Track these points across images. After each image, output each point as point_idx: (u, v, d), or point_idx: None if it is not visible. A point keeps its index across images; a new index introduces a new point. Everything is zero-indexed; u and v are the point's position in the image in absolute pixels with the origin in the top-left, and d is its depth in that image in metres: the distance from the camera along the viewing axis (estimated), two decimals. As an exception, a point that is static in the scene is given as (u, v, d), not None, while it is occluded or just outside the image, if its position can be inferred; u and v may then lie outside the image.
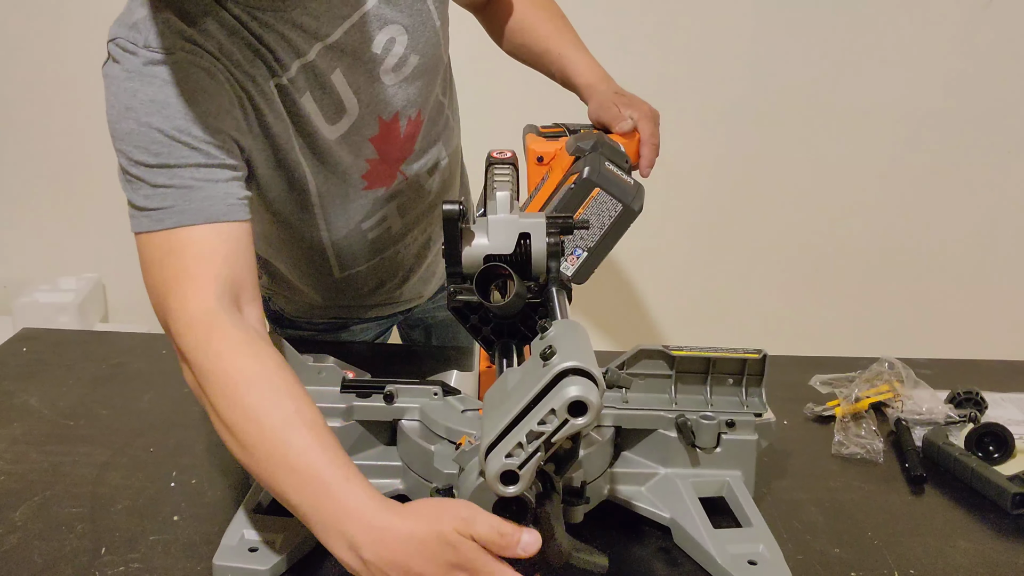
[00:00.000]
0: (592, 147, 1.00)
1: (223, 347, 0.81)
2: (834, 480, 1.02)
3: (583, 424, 0.66)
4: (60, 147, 2.20)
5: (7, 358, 1.28)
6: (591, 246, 0.96)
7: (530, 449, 0.67)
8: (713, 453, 0.93)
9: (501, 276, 0.83)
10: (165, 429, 1.08)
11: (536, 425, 0.67)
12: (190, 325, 0.84)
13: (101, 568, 0.82)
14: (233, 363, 0.80)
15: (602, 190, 0.95)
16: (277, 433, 0.75)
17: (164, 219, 0.88)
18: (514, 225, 0.85)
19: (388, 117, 1.07)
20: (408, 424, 0.92)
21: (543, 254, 0.85)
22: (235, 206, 0.89)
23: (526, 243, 0.85)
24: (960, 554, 0.89)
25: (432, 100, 1.13)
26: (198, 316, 0.83)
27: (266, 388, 0.79)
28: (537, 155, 1.05)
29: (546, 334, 0.73)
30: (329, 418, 0.91)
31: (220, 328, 0.82)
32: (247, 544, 0.83)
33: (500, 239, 0.85)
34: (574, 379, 0.66)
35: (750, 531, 0.87)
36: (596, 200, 0.95)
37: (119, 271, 2.29)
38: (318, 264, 1.19)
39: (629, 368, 0.95)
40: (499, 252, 0.85)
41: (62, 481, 0.96)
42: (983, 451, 1.05)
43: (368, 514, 0.71)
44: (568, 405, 0.66)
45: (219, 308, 0.84)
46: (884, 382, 1.17)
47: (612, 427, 0.93)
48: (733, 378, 0.96)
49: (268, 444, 0.76)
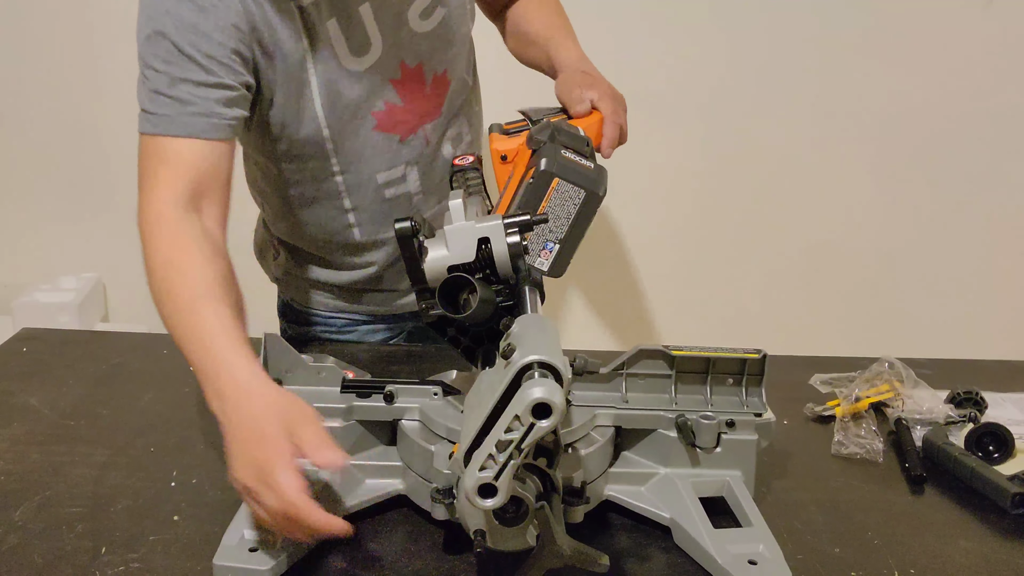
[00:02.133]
0: (549, 137, 0.98)
1: (162, 242, 0.95)
2: (834, 480, 1.02)
3: (548, 427, 0.65)
4: (60, 147, 2.20)
5: (7, 358, 1.28)
6: (561, 237, 0.94)
7: (502, 459, 0.67)
8: (713, 453, 0.93)
9: (466, 285, 0.82)
10: (165, 429, 1.08)
11: (503, 434, 0.66)
12: (146, 220, 0.97)
13: (101, 568, 0.82)
14: (167, 254, 0.94)
15: (562, 180, 0.93)
16: (187, 305, 0.89)
17: (157, 124, 1.00)
18: (471, 231, 0.84)
19: (412, 64, 1.12)
20: (408, 424, 0.92)
21: (506, 256, 0.84)
22: (219, 126, 0.99)
23: (487, 247, 0.84)
24: (960, 554, 0.89)
25: (459, 69, 1.17)
26: (153, 214, 0.97)
27: (185, 274, 0.92)
28: (500, 154, 1.03)
29: (509, 331, 0.72)
30: (329, 418, 0.92)
31: (167, 226, 0.95)
32: (247, 544, 0.83)
33: (459, 248, 0.84)
34: (538, 380, 0.65)
35: (750, 531, 0.86)
36: (558, 191, 0.93)
37: (119, 271, 2.29)
38: (338, 221, 1.21)
39: (629, 368, 0.95)
40: (461, 261, 0.84)
41: (62, 481, 0.96)
42: (983, 451, 1.06)
43: (239, 375, 0.83)
44: (531, 409, 0.65)
45: (173, 210, 0.96)
46: (884, 382, 1.17)
47: (612, 427, 0.93)
48: (733, 378, 0.96)
49: (179, 314, 0.90)
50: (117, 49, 2.11)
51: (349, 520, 0.88)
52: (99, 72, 2.12)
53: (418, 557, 0.85)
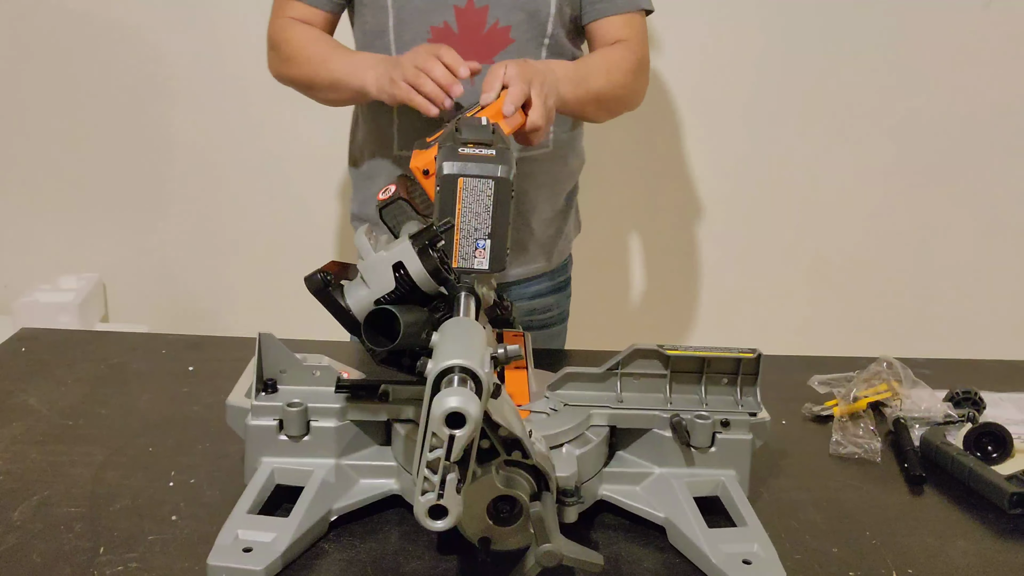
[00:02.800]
0: (448, 138, 0.96)
1: (288, 32, 1.32)
2: (832, 480, 1.02)
3: (466, 435, 0.63)
4: (61, 147, 2.20)
5: (7, 358, 1.28)
6: (489, 232, 0.92)
7: (437, 479, 0.65)
8: (708, 453, 0.93)
9: (389, 316, 0.80)
10: (164, 429, 1.09)
11: (430, 453, 0.65)
12: (274, 24, 1.34)
13: (100, 567, 0.82)
14: (291, 39, 1.31)
15: (466, 177, 0.91)
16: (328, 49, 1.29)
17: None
18: (382, 261, 0.83)
19: (479, 3, 1.25)
20: (402, 424, 0.92)
21: (424, 274, 0.83)
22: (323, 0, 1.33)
23: (403, 272, 0.83)
24: (958, 553, 0.89)
25: (527, 39, 1.27)
26: (281, 20, 1.33)
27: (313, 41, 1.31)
28: (421, 170, 1.02)
29: (432, 343, 0.72)
30: (323, 418, 0.92)
31: (294, 26, 1.32)
32: (241, 544, 0.83)
33: (377, 281, 0.83)
34: (446, 390, 0.64)
35: (744, 530, 0.87)
36: (467, 188, 0.91)
37: (119, 271, 2.29)
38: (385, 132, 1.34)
39: (624, 367, 0.95)
40: (383, 292, 0.83)
41: (61, 481, 0.97)
42: (981, 451, 1.06)
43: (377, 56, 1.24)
44: (445, 420, 0.63)
45: (297, 20, 1.32)
46: (882, 382, 1.17)
47: (607, 427, 0.93)
48: (728, 377, 0.96)
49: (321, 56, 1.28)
50: (118, 49, 2.12)
51: (344, 520, 0.89)
52: (99, 72, 2.12)
53: (413, 557, 0.85)
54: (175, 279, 2.29)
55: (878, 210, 2.14)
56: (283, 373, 0.95)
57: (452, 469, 0.65)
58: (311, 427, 0.92)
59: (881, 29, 2.00)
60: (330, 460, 0.92)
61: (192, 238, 2.24)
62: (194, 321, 2.23)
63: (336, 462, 0.92)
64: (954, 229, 2.14)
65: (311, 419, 0.92)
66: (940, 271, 2.17)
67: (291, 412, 0.91)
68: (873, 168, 2.11)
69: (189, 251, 2.26)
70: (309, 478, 0.90)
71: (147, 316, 2.29)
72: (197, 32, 2.08)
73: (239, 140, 2.12)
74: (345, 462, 0.93)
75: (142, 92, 2.14)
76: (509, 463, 0.76)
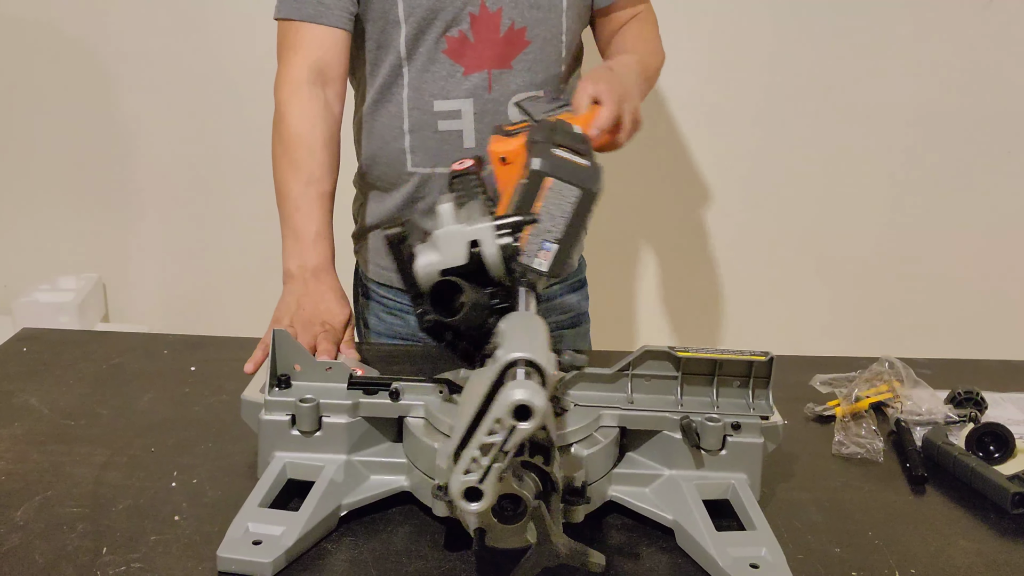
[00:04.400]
0: (543, 136, 0.97)
1: (295, 110, 1.21)
2: (834, 480, 1.02)
3: (529, 429, 0.64)
4: (61, 147, 2.20)
5: (7, 358, 1.28)
6: (559, 237, 0.93)
7: (485, 463, 0.66)
8: (718, 455, 0.93)
9: (458, 289, 0.82)
10: (165, 429, 1.08)
11: (486, 437, 0.65)
12: (282, 86, 1.23)
13: (102, 568, 0.82)
14: (293, 124, 1.21)
15: (555, 179, 0.92)
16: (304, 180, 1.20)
17: (285, 10, 1.24)
18: (461, 235, 0.84)
19: (492, 7, 1.22)
20: (413, 421, 0.92)
21: (497, 258, 0.83)
22: (339, 16, 1.23)
23: (478, 250, 0.83)
24: (960, 553, 0.89)
25: (545, 39, 1.26)
26: (290, 84, 1.22)
27: (302, 149, 1.20)
28: (499, 156, 1.03)
29: (497, 331, 0.72)
30: (335, 414, 0.93)
31: (299, 95, 1.22)
32: (251, 537, 0.83)
33: (450, 252, 0.84)
34: (519, 381, 0.65)
35: (753, 534, 0.86)
36: (552, 190, 0.92)
37: (119, 271, 2.29)
38: (396, 144, 1.30)
39: (635, 369, 0.95)
40: (452, 265, 0.84)
41: (63, 481, 0.96)
42: (983, 451, 1.06)
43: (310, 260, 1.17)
44: (512, 411, 0.64)
45: (305, 80, 1.22)
46: (884, 382, 1.17)
47: (617, 428, 0.93)
48: (739, 380, 0.95)
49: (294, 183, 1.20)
50: (119, 49, 2.12)
51: (354, 516, 0.90)
52: (100, 72, 2.12)
53: (417, 557, 0.85)
54: (175, 279, 2.29)
55: (879, 212, 2.14)
56: (296, 369, 0.96)
57: (501, 459, 0.66)
58: (323, 423, 0.93)
59: (880, 29, 2.00)
60: (341, 456, 0.93)
61: (192, 238, 2.24)
62: (194, 321, 2.23)
63: (347, 458, 0.93)
64: (956, 229, 2.15)
65: (323, 415, 0.93)
66: (942, 271, 2.18)
67: (303, 408, 0.92)
68: (875, 169, 2.11)
69: (189, 251, 2.26)
70: (320, 473, 0.91)
71: (147, 316, 2.29)
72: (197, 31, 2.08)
73: (239, 140, 2.11)
74: (356, 458, 0.93)
75: (143, 92, 2.14)
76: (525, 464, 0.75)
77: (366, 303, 1.48)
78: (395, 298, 1.43)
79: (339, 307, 1.17)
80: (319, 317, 1.14)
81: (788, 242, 2.17)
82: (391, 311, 1.44)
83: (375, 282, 1.45)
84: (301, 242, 1.18)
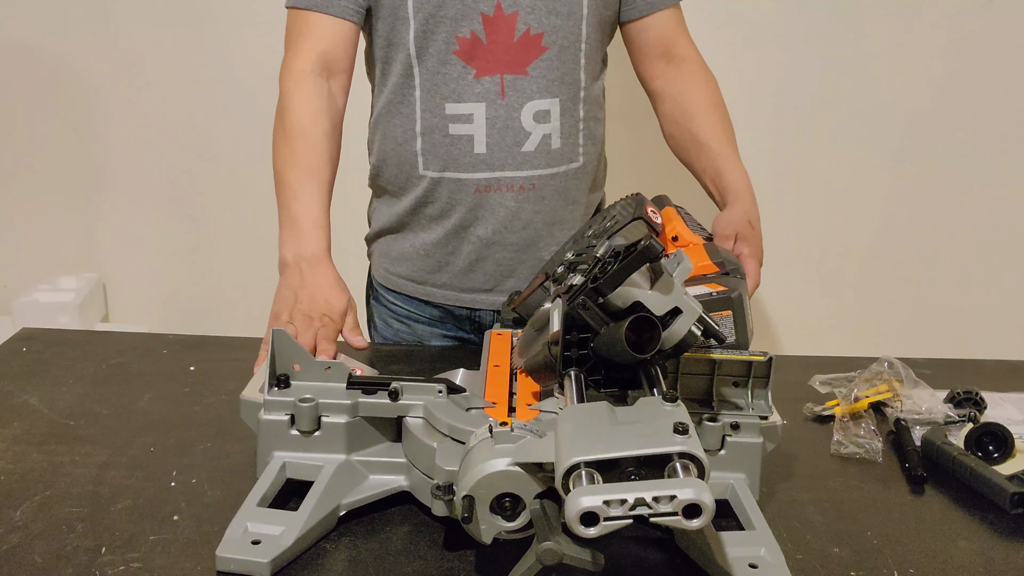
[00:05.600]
0: (741, 276, 1.05)
1: (297, 101, 1.22)
2: (833, 480, 1.02)
3: (695, 526, 0.64)
4: (61, 147, 2.20)
5: (7, 358, 1.28)
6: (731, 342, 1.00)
7: (626, 512, 0.65)
8: (717, 455, 0.93)
9: (649, 328, 0.78)
10: (165, 429, 1.08)
11: (651, 498, 0.64)
12: (287, 75, 1.23)
13: (101, 568, 0.82)
14: (295, 113, 1.22)
15: (733, 315, 0.98)
16: (303, 169, 1.20)
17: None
18: (677, 297, 0.80)
19: (508, 10, 1.21)
20: (413, 421, 0.92)
21: (679, 337, 0.80)
22: (345, 7, 1.23)
23: (673, 319, 0.80)
24: (959, 553, 0.89)
25: (563, 45, 1.24)
26: (295, 74, 1.23)
27: (303, 139, 1.21)
28: (674, 235, 1.08)
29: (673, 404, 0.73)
30: (334, 414, 0.93)
31: (304, 85, 1.22)
32: (250, 536, 0.83)
33: (659, 299, 0.80)
34: (689, 480, 0.65)
35: (752, 534, 0.86)
36: (719, 319, 0.97)
37: (119, 271, 2.29)
38: (408, 146, 1.29)
39: None
40: (651, 308, 0.80)
41: (62, 481, 0.96)
42: (982, 451, 1.06)
43: (306, 249, 1.16)
44: (686, 507, 0.64)
45: (309, 71, 1.22)
46: (883, 382, 1.17)
47: None
48: (738, 380, 0.95)
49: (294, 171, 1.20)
50: (119, 48, 2.12)
51: (353, 516, 0.90)
52: (100, 71, 2.12)
53: (416, 557, 0.85)
54: (175, 279, 2.29)
55: (879, 211, 2.14)
56: (296, 368, 0.96)
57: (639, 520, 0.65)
58: (322, 423, 0.93)
59: (880, 28, 2.00)
60: (340, 456, 0.93)
61: (192, 238, 2.25)
62: (194, 321, 2.23)
63: (346, 458, 0.93)
64: (955, 229, 2.15)
65: (322, 415, 0.93)
66: (941, 271, 2.18)
67: (303, 407, 0.92)
68: (874, 169, 2.11)
69: (189, 251, 2.26)
70: (319, 473, 0.91)
71: (147, 316, 2.29)
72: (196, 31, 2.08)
73: (240, 140, 2.12)
74: (355, 458, 0.93)
75: (142, 91, 2.14)
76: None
77: (376, 306, 1.48)
78: (403, 304, 1.42)
79: (336, 295, 1.15)
80: (318, 309, 1.12)
81: (787, 242, 2.17)
82: (399, 317, 1.43)
83: (384, 287, 1.44)
84: (298, 230, 1.18)
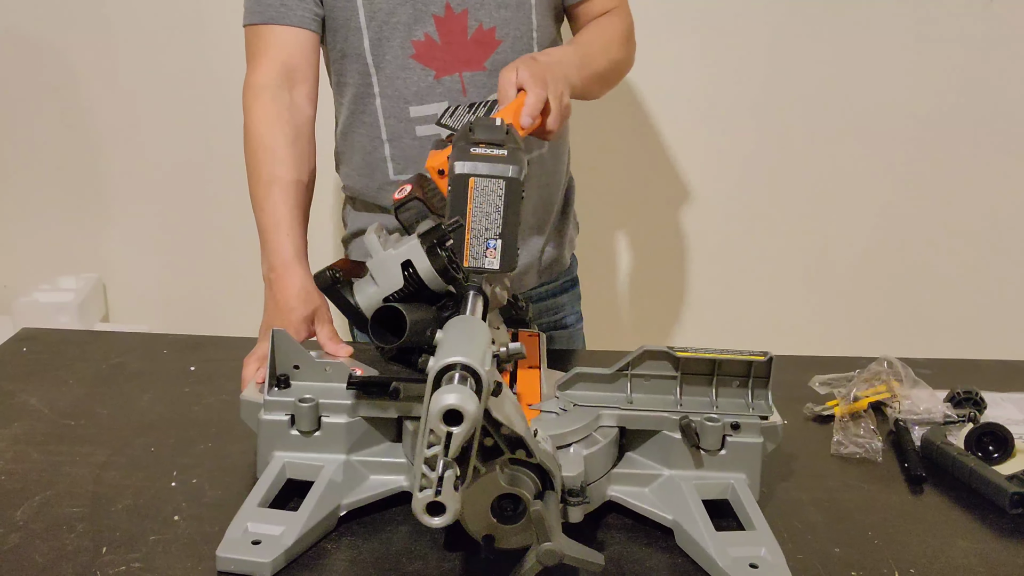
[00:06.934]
0: (462, 138, 0.96)
1: (257, 115, 1.21)
2: (833, 480, 1.02)
3: (462, 432, 0.63)
4: (60, 146, 2.20)
5: (7, 358, 1.28)
6: (500, 232, 0.92)
7: (434, 476, 0.65)
8: (718, 455, 0.93)
9: (397, 313, 0.80)
10: (165, 429, 1.09)
11: (427, 450, 0.64)
12: (246, 92, 1.22)
13: (102, 568, 0.82)
14: (254, 126, 1.21)
15: (477, 177, 0.91)
16: (265, 181, 1.18)
17: (249, 16, 1.24)
18: (390, 259, 0.84)
19: (457, 8, 1.21)
20: (412, 421, 0.92)
21: (432, 272, 0.83)
22: (301, 17, 1.22)
23: (412, 270, 0.83)
24: (959, 553, 0.89)
25: (515, 38, 1.24)
26: (254, 89, 1.22)
27: (263, 150, 1.19)
28: (437, 170, 1.02)
29: (436, 340, 0.72)
30: (334, 414, 0.93)
31: (261, 99, 1.21)
32: (251, 537, 0.83)
33: (386, 279, 0.84)
34: (446, 387, 0.63)
35: (752, 534, 0.86)
36: (478, 188, 0.91)
37: (119, 271, 2.29)
38: (376, 154, 1.29)
39: (634, 369, 0.95)
40: (392, 290, 0.84)
41: (62, 481, 0.97)
42: (982, 451, 1.06)
43: (285, 255, 1.13)
44: (443, 417, 0.62)
45: (269, 84, 1.21)
46: (883, 382, 1.17)
47: (616, 428, 0.93)
48: (739, 380, 0.95)
49: (257, 185, 1.19)
50: (119, 48, 2.12)
51: (353, 516, 0.90)
52: (100, 71, 2.12)
53: (417, 557, 0.85)
54: (175, 279, 2.29)
55: (879, 211, 2.14)
56: (296, 369, 0.96)
57: (450, 466, 0.65)
58: (322, 423, 0.93)
59: (881, 29, 2.00)
60: (340, 456, 0.93)
61: (192, 238, 2.24)
62: (194, 321, 2.23)
63: (346, 458, 0.93)
64: (956, 229, 2.15)
65: (322, 415, 0.93)
66: (941, 271, 2.18)
67: (303, 407, 0.92)
68: (873, 169, 2.11)
69: (189, 251, 2.26)
70: (319, 473, 0.91)
71: (147, 316, 2.29)
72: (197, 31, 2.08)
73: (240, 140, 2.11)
74: (355, 458, 0.93)
75: (143, 92, 2.14)
76: (514, 461, 0.76)
77: None
78: None
79: (300, 305, 1.10)
80: (291, 326, 1.09)
81: (787, 241, 2.17)
82: None
83: None
84: (267, 242, 1.16)
